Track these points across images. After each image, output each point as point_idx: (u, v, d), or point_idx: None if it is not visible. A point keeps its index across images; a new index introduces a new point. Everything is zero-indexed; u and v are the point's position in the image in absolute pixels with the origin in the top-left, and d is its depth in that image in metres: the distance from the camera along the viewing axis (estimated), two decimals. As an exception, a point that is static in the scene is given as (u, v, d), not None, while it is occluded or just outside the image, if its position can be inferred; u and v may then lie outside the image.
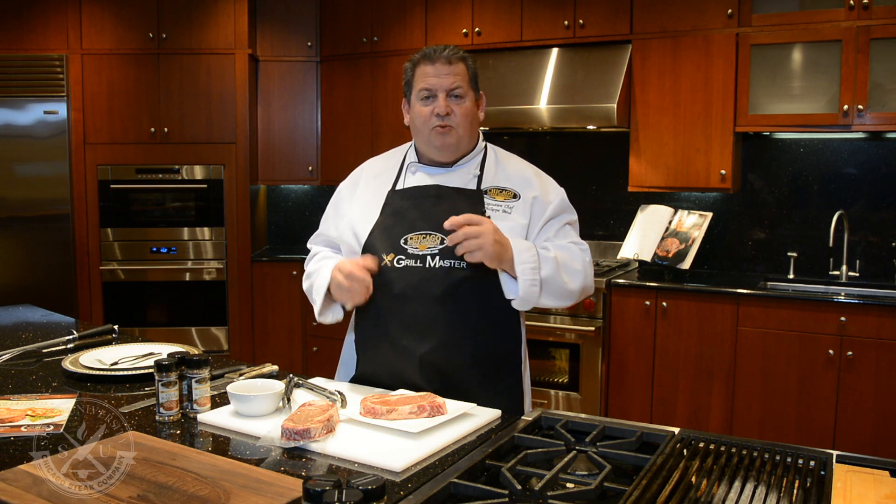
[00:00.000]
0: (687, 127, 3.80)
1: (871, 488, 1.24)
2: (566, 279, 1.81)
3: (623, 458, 1.37)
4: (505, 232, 1.78)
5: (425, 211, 1.85)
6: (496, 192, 1.89)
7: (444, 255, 1.80)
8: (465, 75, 1.88)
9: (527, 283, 1.74)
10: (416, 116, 1.88)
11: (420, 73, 1.87)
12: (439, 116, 1.83)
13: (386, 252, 1.82)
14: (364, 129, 4.68)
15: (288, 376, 1.73)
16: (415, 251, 1.81)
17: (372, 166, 2.03)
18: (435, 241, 1.81)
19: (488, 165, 1.93)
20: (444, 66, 1.85)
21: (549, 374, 3.86)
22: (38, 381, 1.90)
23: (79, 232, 4.62)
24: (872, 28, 3.36)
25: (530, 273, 1.74)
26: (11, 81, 4.50)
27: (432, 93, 1.85)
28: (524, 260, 1.74)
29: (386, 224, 1.86)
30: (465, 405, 1.62)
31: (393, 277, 1.81)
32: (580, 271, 1.84)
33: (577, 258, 1.85)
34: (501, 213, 1.85)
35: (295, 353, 4.71)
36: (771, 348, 3.39)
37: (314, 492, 1.07)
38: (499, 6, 4.19)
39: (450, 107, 1.84)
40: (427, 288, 1.78)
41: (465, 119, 1.87)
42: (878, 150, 3.72)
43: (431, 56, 1.86)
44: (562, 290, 1.81)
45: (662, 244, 3.87)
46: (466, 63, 1.89)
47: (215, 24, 4.61)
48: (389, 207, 1.88)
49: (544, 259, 1.77)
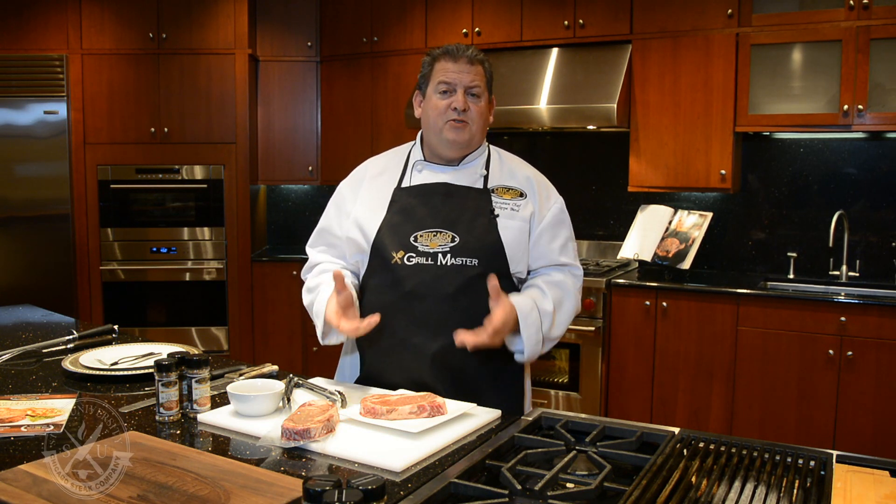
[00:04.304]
0: (687, 127, 3.80)
1: (871, 488, 1.24)
2: (562, 322, 1.90)
3: (623, 458, 1.37)
4: (514, 231, 1.84)
5: (435, 208, 1.85)
6: (503, 190, 1.90)
7: (456, 253, 1.80)
8: (484, 77, 1.91)
9: (532, 344, 1.82)
10: (432, 109, 1.88)
11: (440, 67, 1.88)
12: (456, 111, 1.84)
13: (395, 249, 1.82)
14: (364, 129, 4.67)
15: (288, 376, 1.73)
16: (426, 248, 1.81)
17: (374, 164, 2.02)
18: (446, 238, 1.81)
19: (493, 165, 1.95)
20: (466, 65, 1.87)
21: (549, 374, 3.86)
22: (38, 381, 1.90)
23: (79, 232, 4.62)
24: (872, 28, 3.36)
25: (535, 334, 1.82)
26: (11, 81, 4.50)
27: (451, 87, 1.86)
28: (528, 324, 1.80)
29: (394, 221, 1.85)
30: (465, 405, 1.63)
31: (404, 275, 1.80)
32: (571, 310, 1.93)
33: (570, 295, 1.92)
34: (510, 212, 1.87)
35: (295, 353, 4.71)
36: (771, 348, 3.39)
37: (314, 492, 1.07)
38: (499, 6, 4.19)
39: (467, 103, 1.85)
40: (440, 285, 1.79)
41: (480, 118, 1.90)
42: (878, 150, 3.72)
43: (454, 53, 1.87)
44: (559, 336, 1.91)
45: (662, 244, 3.87)
46: (485, 66, 1.93)
47: (215, 24, 4.61)
48: (396, 205, 1.88)
49: (544, 314, 1.84)
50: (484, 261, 1.81)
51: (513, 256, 1.85)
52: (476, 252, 1.81)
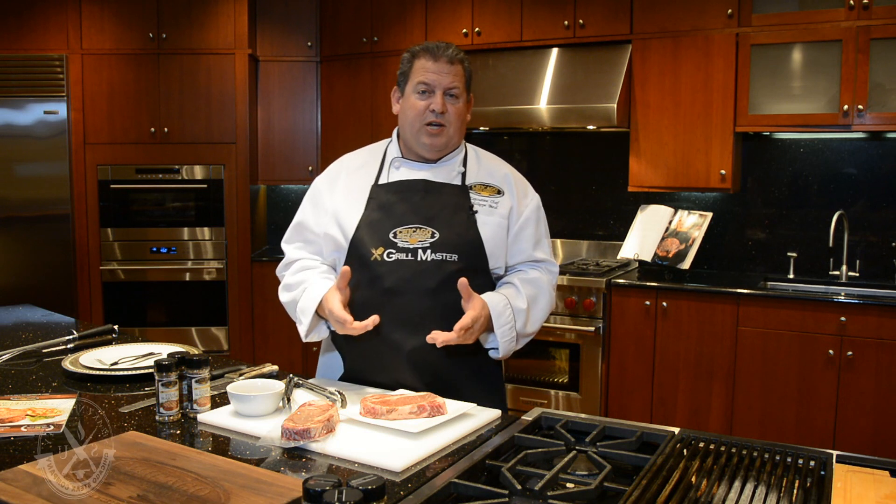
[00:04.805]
0: (687, 127, 3.80)
1: (871, 488, 1.24)
2: (537, 319, 1.91)
3: (623, 458, 1.37)
4: (492, 227, 1.86)
5: (414, 205, 1.85)
6: (481, 187, 1.91)
7: (436, 248, 1.81)
8: (463, 77, 1.90)
9: (506, 342, 1.85)
10: (410, 108, 1.88)
11: (420, 66, 1.87)
12: (434, 113, 1.84)
13: (374, 246, 1.82)
14: (364, 129, 4.67)
15: (288, 376, 1.73)
16: (406, 244, 1.81)
17: (351, 160, 2.02)
18: (426, 234, 1.82)
19: (470, 162, 1.96)
20: (446, 65, 1.85)
21: (549, 374, 3.86)
22: (38, 381, 1.90)
23: (79, 232, 4.62)
24: (872, 28, 3.36)
25: (509, 332, 1.84)
26: (11, 81, 4.50)
27: (430, 88, 1.86)
28: (502, 323, 1.82)
29: (373, 218, 1.86)
30: (465, 405, 1.63)
31: (383, 272, 1.81)
32: (546, 307, 1.95)
33: (545, 291, 1.94)
34: (488, 208, 1.88)
35: (295, 353, 4.71)
36: (771, 348, 3.39)
37: (314, 492, 1.07)
38: (499, 6, 4.19)
39: (445, 105, 1.85)
40: (420, 281, 1.79)
41: (458, 119, 1.89)
42: (878, 150, 3.72)
43: (434, 52, 1.86)
44: (534, 332, 1.93)
45: (662, 244, 3.87)
46: (465, 65, 1.91)
47: (215, 24, 4.61)
48: (375, 201, 1.88)
49: (518, 312, 1.85)
50: (464, 256, 1.82)
51: (492, 252, 1.87)
52: (456, 248, 1.82)
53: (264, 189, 5.16)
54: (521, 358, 3.88)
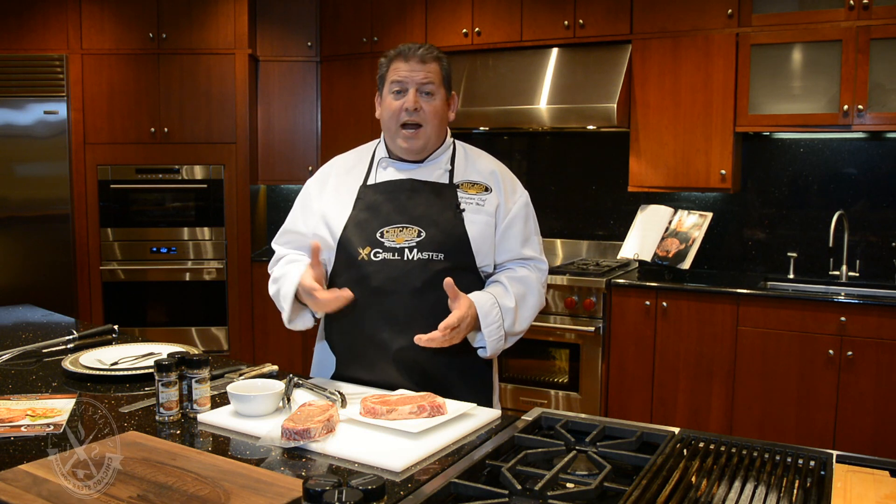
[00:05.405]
0: (687, 127, 3.80)
1: (871, 488, 1.24)
2: (526, 318, 1.90)
3: (623, 458, 1.37)
4: (480, 225, 1.86)
5: (401, 204, 1.86)
6: (468, 185, 1.91)
7: (422, 247, 1.81)
8: (438, 74, 1.89)
9: (494, 341, 1.84)
10: (386, 110, 1.89)
11: (393, 68, 1.89)
12: (408, 111, 1.84)
13: (362, 245, 1.83)
14: (364, 129, 4.67)
15: (288, 376, 1.73)
16: (392, 244, 1.82)
17: (342, 162, 2.03)
18: (412, 233, 1.82)
19: (458, 160, 1.96)
20: (417, 64, 1.86)
21: (549, 374, 3.86)
22: (38, 381, 1.90)
23: (79, 232, 4.62)
24: (872, 28, 3.36)
25: (496, 331, 1.83)
26: (11, 81, 4.50)
27: (403, 86, 1.86)
28: (489, 322, 1.81)
29: (360, 218, 1.87)
30: (465, 405, 1.63)
31: (371, 271, 1.81)
32: (535, 305, 1.94)
33: (534, 290, 1.93)
34: (475, 206, 1.88)
35: (295, 353, 4.71)
36: (771, 348, 3.39)
37: (314, 492, 1.07)
38: (499, 6, 4.19)
39: (419, 103, 1.85)
40: (407, 280, 1.80)
41: (435, 117, 1.88)
42: (878, 150, 3.72)
43: (406, 53, 1.87)
44: (523, 330, 1.92)
45: (662, 244, 3.87)
46: (441, 63, 1.91)
47: (215, 24, 4.61)
48: (362, 202, 1.89)
49: (506, 311, 1.84)
50: (450, 255, 1.82)
51: (479, 250, 1.86)
52: (442, 246, 1.82)
53: (264, 189, 5.16)
54: (521, 358, 3.88)
